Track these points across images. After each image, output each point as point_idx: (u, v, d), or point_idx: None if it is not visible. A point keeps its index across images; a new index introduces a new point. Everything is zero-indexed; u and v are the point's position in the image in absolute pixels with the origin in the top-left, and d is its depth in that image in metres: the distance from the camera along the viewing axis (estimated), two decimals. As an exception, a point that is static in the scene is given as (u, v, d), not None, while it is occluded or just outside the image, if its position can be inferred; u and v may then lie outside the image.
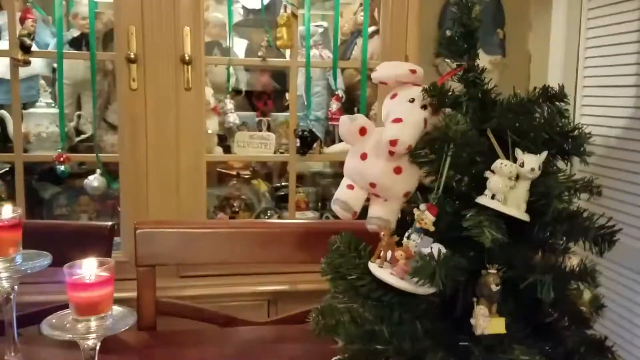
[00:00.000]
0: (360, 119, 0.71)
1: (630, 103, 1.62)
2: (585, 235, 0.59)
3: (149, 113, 1.57)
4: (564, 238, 0.61)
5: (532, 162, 0.59)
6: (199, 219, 1.64)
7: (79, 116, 1.80)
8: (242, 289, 1.67)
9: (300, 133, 1.66)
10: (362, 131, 0.71)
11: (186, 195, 1.62)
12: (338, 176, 2.43)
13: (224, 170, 2.53)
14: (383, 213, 0.70)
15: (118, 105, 1.61)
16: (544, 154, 0.60)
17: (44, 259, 0.65)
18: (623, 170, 1.64)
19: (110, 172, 1.69)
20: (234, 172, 2.43)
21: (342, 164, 0.77)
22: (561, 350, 0.64)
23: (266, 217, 1.98)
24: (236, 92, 2.01)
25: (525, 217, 0.60)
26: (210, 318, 1.04)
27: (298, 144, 1.66)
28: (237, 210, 2.02)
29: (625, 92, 1.64)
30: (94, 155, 1.61)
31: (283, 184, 2.24)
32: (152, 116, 1.57)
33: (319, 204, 2.17)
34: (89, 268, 0.49)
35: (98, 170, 1.61)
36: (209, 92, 1.71)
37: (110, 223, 1.08)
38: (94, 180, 1.61)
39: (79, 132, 1.81)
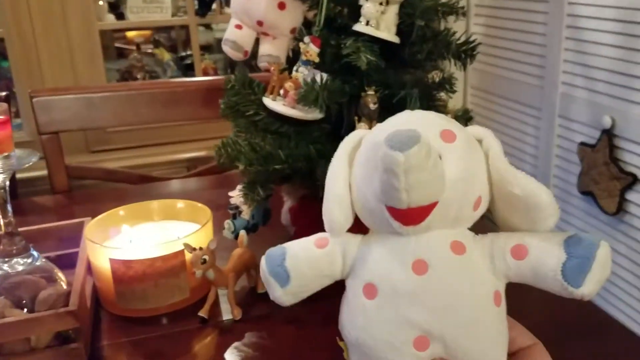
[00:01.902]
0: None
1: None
2: (447, 51, 0.66)
3: (26, -20, 1.45)
4: (429, 55, 0.68)
5: (399, -15, 0.64)
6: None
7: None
8: (158, 159, 1.71)
9: (196, -7, 1.61)
10: (245, -30, 0.72)
11: (83, 67, 1.56)
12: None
13: (123, 46, 2.41)
14: (273, 50, 0.74)
15: (-12, -27, 1.46)
16: (410, -23, 0.65)
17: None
18: (513, 20, 1.75)
19: (-4, 50, 1.59)
20: (134, 46, 2.33)
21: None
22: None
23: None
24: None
25: (396, 39, 0.66)
26: (124, 178, 1.08)
27: (196, 6, 1.61)
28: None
29: None
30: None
31: (188, 53, 2.19)
32: (30, -16, 1.45)
33: (229, 70, 2.16)
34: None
35: (-18, 48, 1.50)
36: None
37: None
38: (-20, 60, 1.50)
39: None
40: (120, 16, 1.79)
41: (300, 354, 0.57)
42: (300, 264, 0.40)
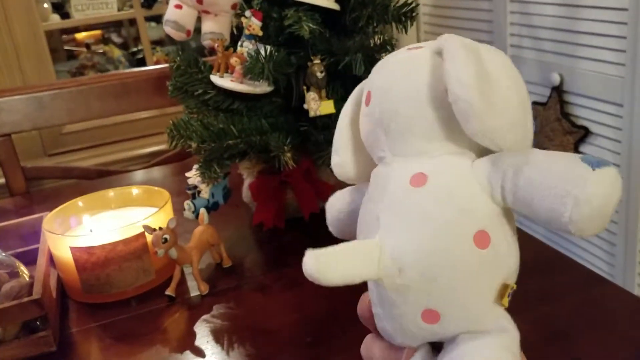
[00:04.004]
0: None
1: None
2: (386, 14, 0.68)
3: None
4: (370, 20, 0.69)
5: (333, -48, 0.65)
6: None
7: None
8: (117, 156, 1.68)
9: (140, -15, 1.58)
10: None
11: (31, 70, 1.52)
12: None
13: (73, 48, 2.36)
14: (215, 27, 0.75)
15: None
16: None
17: None
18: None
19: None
20: (84, 48, 2.28)
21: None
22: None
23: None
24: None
25: (335, 6, 0.68)
26: (82, 174, 1.07)
27: (141, -2, 1.59)
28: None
29: None
30: None
31: (140, 48, 2.16)
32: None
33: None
34: None
35: None
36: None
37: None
38: None
39: None
40: (65, 16, 1.75)
41: (268, 318, 0.58)
42: None
